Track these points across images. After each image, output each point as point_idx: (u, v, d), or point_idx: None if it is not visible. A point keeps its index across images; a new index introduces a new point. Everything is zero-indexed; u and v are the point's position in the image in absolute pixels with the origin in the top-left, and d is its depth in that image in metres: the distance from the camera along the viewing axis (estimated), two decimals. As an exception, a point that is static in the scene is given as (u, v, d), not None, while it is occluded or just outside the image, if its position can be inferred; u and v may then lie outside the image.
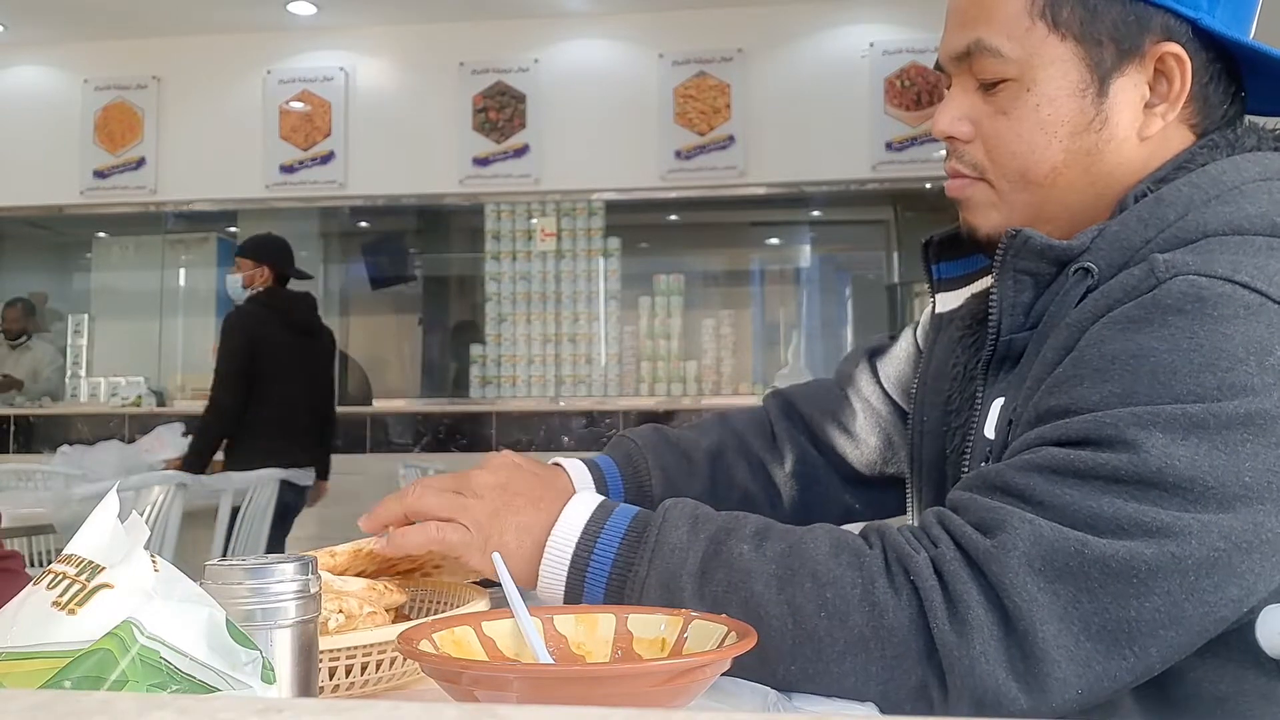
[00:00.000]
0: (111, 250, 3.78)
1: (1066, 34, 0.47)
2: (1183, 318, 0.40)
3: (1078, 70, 0.47)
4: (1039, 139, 0.48)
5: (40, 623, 0.27)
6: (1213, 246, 0.42)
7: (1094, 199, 0.49)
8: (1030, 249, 0.46)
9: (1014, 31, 0.48)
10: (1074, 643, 0.38)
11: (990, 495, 0.41)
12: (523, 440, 3.02)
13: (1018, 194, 0.50)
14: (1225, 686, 0.42)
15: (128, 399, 3.19)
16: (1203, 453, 0.38)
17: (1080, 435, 0.40)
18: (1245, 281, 0.40)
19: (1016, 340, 0.47)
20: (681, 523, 0.44)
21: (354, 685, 0.41)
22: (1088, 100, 0.47)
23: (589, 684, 0.33)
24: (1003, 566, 0.38)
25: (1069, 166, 0.48)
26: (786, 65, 3.03)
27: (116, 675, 0.25)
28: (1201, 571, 0.37)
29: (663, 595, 0.43)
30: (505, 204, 3.16)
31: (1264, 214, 0.43)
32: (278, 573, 0.31)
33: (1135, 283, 0.42)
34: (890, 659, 0.40)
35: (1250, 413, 0.38)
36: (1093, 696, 0.38)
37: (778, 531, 0.44)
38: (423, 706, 0.18)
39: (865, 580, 0.40)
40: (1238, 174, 0.45)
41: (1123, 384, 0.40)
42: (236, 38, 3.18)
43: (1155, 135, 0.48)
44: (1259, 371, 0.38)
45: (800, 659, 0.41)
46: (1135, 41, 0.46)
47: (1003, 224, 0.50)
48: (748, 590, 0.42)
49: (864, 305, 3.67)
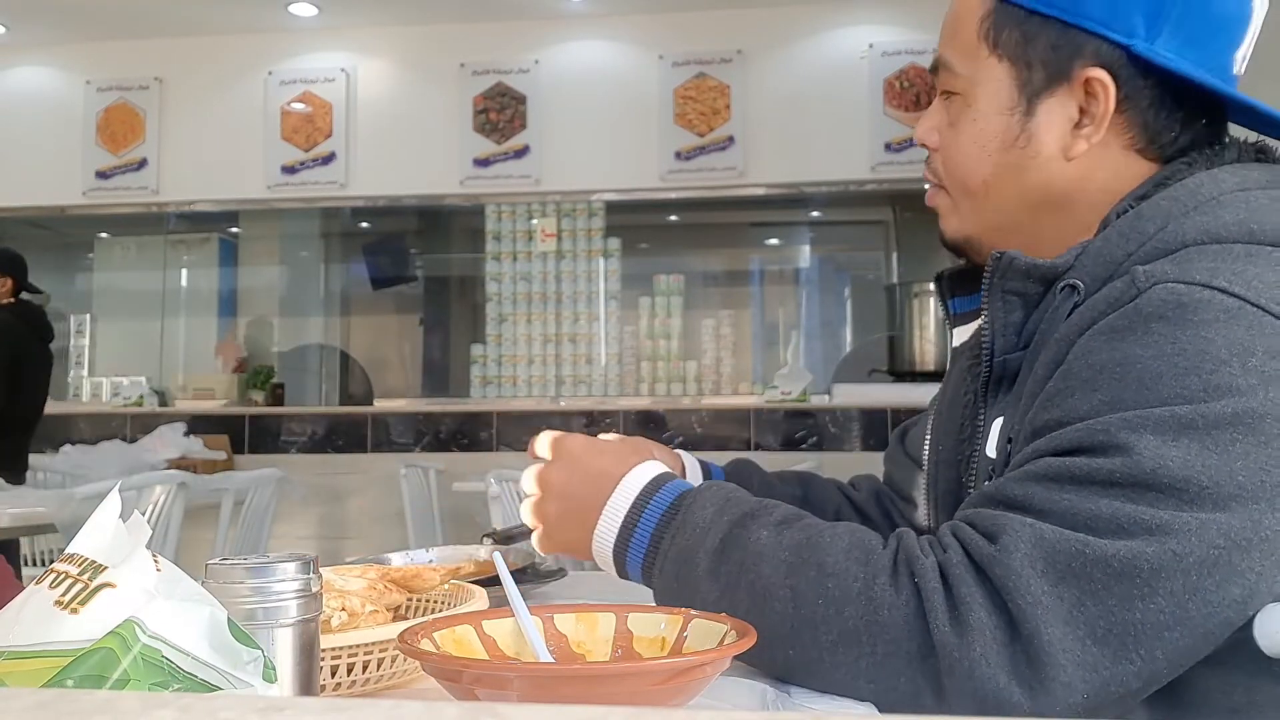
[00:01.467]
0: (113, 250, 3.78)
1: (1003, 55, 0.50)
2: (1165, 324, 0.41)
3: (1009, 90, 0.50)
4: (973, 152, 0.51)
5: (43, 622, 0.27)
6: (1191, 255, 0.43)
7: (1029, 211, 0.51)
8: (1016, 269, 0.48)
9: (966, 50, 0.51)
10: (1080, 647, 0.38)
11: (992, 508, 0.42)
12: (523, 440, 3.01)
13: (963, 201, 0.53)
14: (1238, 697, 0.42)
15: (129, 399, 3.19)
16: (1194, 453, 0.38)
17: (1073, 444, 0.41)
18: (1223, 286, 0.41)
19: (1011, 360, 0.49)
20: (710, 503, 0.46)
21: (355, 684, 0.41)
22: (1015, 119, 0.50)
23: (589, 683, 0.33)
24: (1006, 569, 0.39)
25: (998, 179, 0.51)
26: (786, 66, 3.03)
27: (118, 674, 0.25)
28: (1203, 570, 0.38)
29: (679, 570, 0.44)
30: (506, 204, 3.16)
31: (1241, 222, 0.44)
32: (279, 572, 0.32)
33: (1118, 294, 0.43)
34: (881, 656, 0.40)
35: (1237, 412, 0.39)
36: (1097, 702, 0.38)
37: (803, 523, 0.44)
38: (424, 705, 0.18)
39: (868, 575, 0.41)
40: (1215, 186, 0.46)
41: (1111, 392, 0.41)
42: (238, 39, 3.19)
43: (1085, 155, 0.49)
44: (1242, 373, 0.39)
45: (797, 645, 0.41)
46: (1065, 66, 0.48)
47: (959, 229, 0.54)
48: (756, 572, 0.42)
49: (863, 305, 3.67)
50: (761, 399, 2.95)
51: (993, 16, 0.50)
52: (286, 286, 3.67)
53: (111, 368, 3.51)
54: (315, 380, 3.59)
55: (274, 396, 3.25)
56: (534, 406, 3.07)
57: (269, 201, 3.23)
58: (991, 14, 0.50)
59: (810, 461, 2.69)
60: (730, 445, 2.89)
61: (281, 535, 2.86)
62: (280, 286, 3.66)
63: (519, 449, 3.00)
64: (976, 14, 0.50)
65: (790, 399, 2.91)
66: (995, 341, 0.49)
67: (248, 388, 3.29)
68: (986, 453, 0.50)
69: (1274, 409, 0.39)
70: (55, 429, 3.08)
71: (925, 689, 0.39)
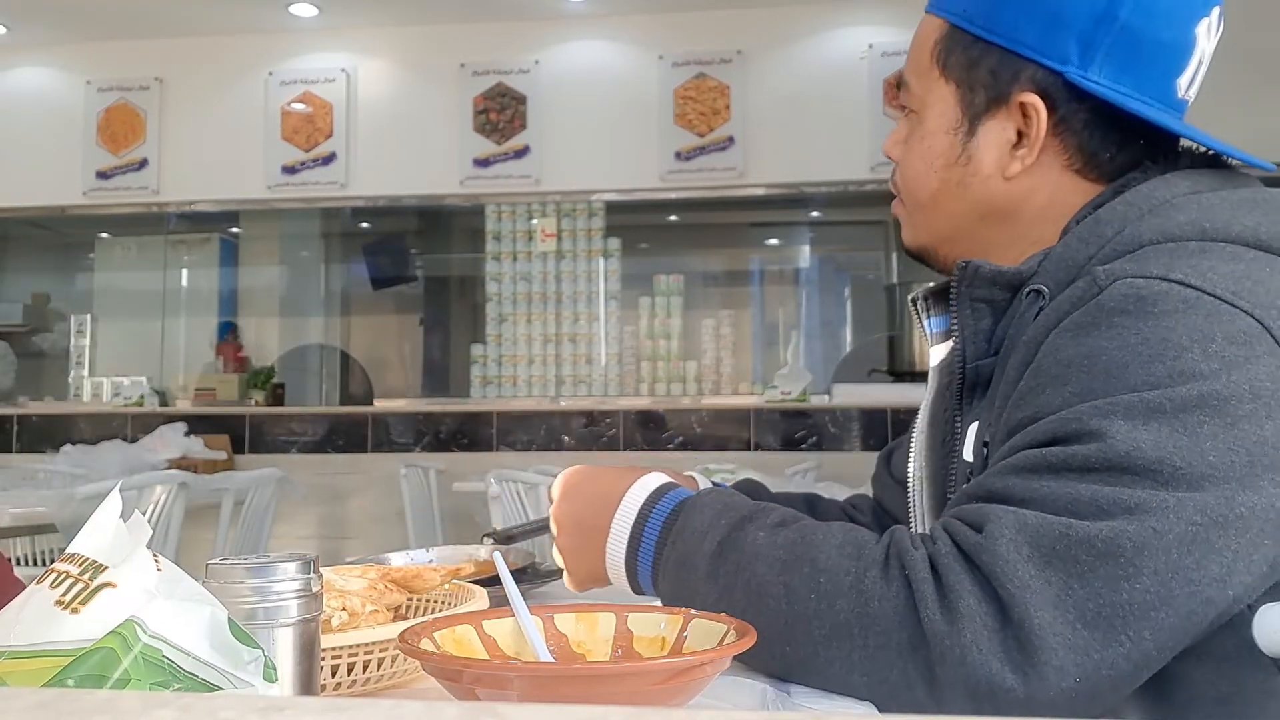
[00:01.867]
0: (114, 250, 3.78)
1: (950, 78, 0.53)
2: (1127, 317, 0.42)
3: (954, 111, 0.53)
4: (921, 167, 0.55)
5: (43, 622, 0.27)
6: (1148, 254, 0.45)
7: (975, 222, 0.54)
8: (981, 277, 0.50)
9: (921, 71, 0.54)
10: (1070, 630, 0.38)
11: (976, 503, 0.42)
12: (523, 440, 3.03)
13: (915, 213, 0.57)
14: (1225, 687, 0.42)
15: (130, 399, 3.19)
16: (1165, 435, 0.40)
17: (1048, 435, 0.42)
18: (1180, 279, 0.42)
19: (983, 366, 0.51)
20: (709, 508, 0.47)
21: (355, 684, 0.41)
22: (957, 138, 0.53)
23: (589, 682, 0.33)
24: (993, 555, 0.39)
25: (944, 194, 0.54)
26: (785, 67, 3.03)
27: (119, 674, 0.26)
28: (1183, 548, 0.38)
29: (680, 573, 0.45)
30: (506, 205, 3.16)
31: (1193, 221, 0.46)
32: (279, 572, 0.32)
33: (1080, 293, 0.45)
34: (873, 648, 0.40)
35: (1203, 395, 0.40)
36: (1089, 686, 0.38)
37: (799, 524, 0.45)
38: (424, 705, 0.18)
39: (859, 569, 0.42)
40: (1168, 190, 0.48)
41: (1080, 384, 0.42)
42: (238, 39, 3.19)
43: (1022, 175, 0.52)
44: (1204, 358, 0.41)
45: (792, 641, 0.42)
46: (1004, 90, 0.51)
47: (915, 239, 0.58)
48: (752, 571, 0.43)
49: (863, 305, 3.68)
50: (761, 399, 2.96)
51: (945, 40, 0.53)
52: (287, 286, 3.68)
53: (112, 368, 3.51)
54: (315, 380, 3.59)
55: (274, 396, 3.25)
56: (534, 406, 3.07)
57: (269, 201, 3.23)
58: (944, 38, 0.53)
59: (810, 461, 2.69)
60: (730, 445, 2.89)
61: (282, 535, 2.86)
62: (280, 286, 3.67)
63: (519, 449, 3.01)
64: (933, 37, 0.54)
65: (790, 399, 2.91)
66: (967, 348, 0.51)
67: (248, 388, 3.29)
68: (964, 457, 0.51)
69: (1237, 391, 0.40)
70: (56, 429, 3.09)
71: (918, 680, 0.39)
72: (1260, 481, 0.39)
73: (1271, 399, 0.40)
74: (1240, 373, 0.40)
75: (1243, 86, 2.55)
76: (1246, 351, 0.41)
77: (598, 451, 2.92)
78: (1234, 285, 0.42)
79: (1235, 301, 0.41)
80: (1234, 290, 0.42)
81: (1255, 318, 0.41)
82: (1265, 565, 0.40)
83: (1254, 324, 0.41)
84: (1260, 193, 0.48)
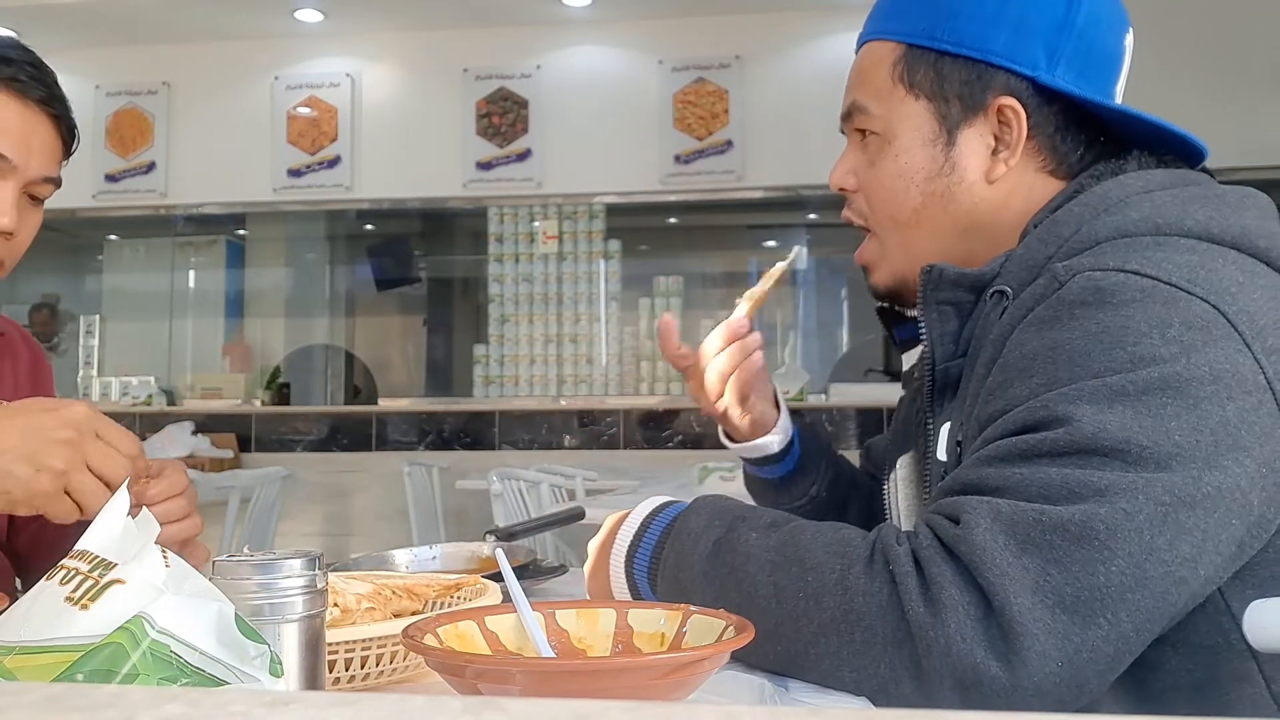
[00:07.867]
0: (122, 252, 3.80)
1: (919, 93, 0.54)
2: (1086, 309, 0.44)
3: (929, 124, 0.54)
4: (898, 185, 0.55)
5: (53, 618, 0.28)
6: (1105, 249, 0.46)
7: (959, 236, 0.55)
8: (945, 280, 0.52)
9: (880, 93, 0.55)
10: (1050, 615, 0.38)
11: (952, 496, 0.43)
12: (524, 439, 3.03)
13: (891, 236, 0.57)
14: (1200, 674, 0.43)
15: (138, 398, 3.21)
16: (1130, 417, 0.40)
17: (1017, 425, 0.43)
18: (1137, 269, 0.44)
19: (952, 368, 0.52)
20: (703, 512, 0.48)
21: (358, 679, 0.42)
22: (938, 149, 0.54)
23: (590, 677, 0.34)
24: (971, 545, 0.40)
25: (928, 208, 0.55)
26: (783, 72, 3.04)
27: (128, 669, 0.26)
28: (1155, 530, 0.39)
29: (676, 575, 0.46)
30: (508, 207, 3.17)
31: (1147, 217, 0.47)
32: (285, 568, 0.32)
33: (1041, 290, 0.46)
34: (860, 643, 0.41)
35: (1164, 377, 0.41)
36: (1072, 671, 0.39)
37: (791, 525, 0.46)
38: (428, 699, 0.18)
39: (844, 566, 0.42)
40: (1122, 189, 0.50)
41: (1046, 374, 0.43)
42: (245, 44, 3.20)
43: (1003, 178, 0.53)
44: (1163, 343, 0.42)
45: (784, 640, 0.43)
46: (979, 98, 0.53)
47: (891, 274, 0.57)
48: (744, 572, 0.44)
49: (860, 307, 3.67)
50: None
51: (904, 61, 0.54)
52: (292, 288, 3.69)
53: (120, 368, 3.53)
54: (321, 380, 3.60)
55: (280, 396, 3.27)
56: (535, 406, 3.08)
57: (275, 204, 3.25)
58: (902, 59, 0.54)
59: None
60: (733, 446, 2.88)
61: (287, 533, 2.88)
62: (286, 288, 3.68)
63: (521, 448, 3.01)
64: (887, 61, 0.55)
65: (788, 398, 2.90)
66: (935, 351, 0.52)
67: (254, 387, 3.31)
68: (938, 457, 0.52)
69: (1197, 374, 0.41)
70: (63, 430, 3.09)
71: (905, 673, 0.40)
72: (1224, 461, 0.40)
73: (1231, 381, 0.41)
74: (1199, 356, 0.41)
75: (1226, 90, 2.54)
76: (1204, 336, 0.41)
77: (598, 450, 2.93)
78: (1189, 274, 0.43)
79: (1191, 289, 0.42)
80: (1189, 279, 0.43)
81: (1211, 304, 0.42)
82: (1234, 546, 0.41)
83: (1210, 309, 0.42)
84: (1210, 189, 0.49)
